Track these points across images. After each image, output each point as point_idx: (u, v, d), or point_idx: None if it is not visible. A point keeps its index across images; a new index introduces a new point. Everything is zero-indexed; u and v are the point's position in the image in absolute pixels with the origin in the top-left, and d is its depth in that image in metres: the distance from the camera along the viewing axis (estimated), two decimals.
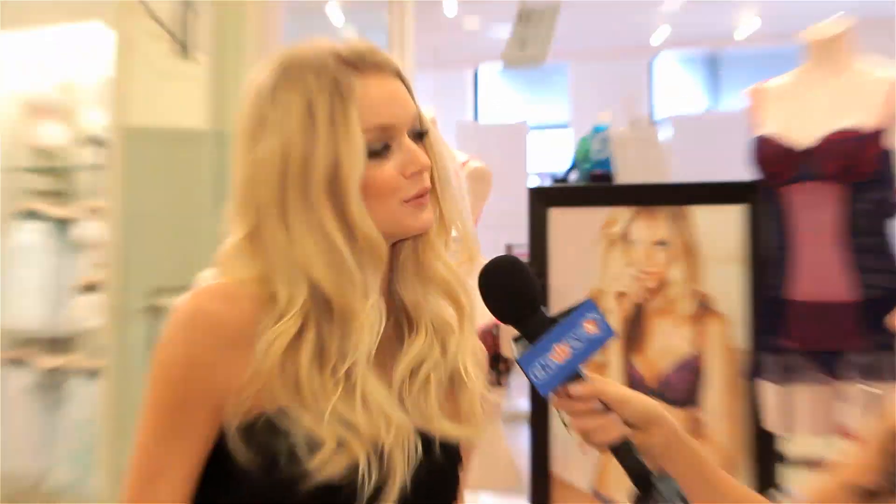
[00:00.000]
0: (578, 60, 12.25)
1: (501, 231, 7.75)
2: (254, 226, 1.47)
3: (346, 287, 1.43)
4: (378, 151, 1.45)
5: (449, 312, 1.54)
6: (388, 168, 1.46)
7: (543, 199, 3.44)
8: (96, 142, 5.91)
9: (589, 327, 1.40)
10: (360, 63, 1.48)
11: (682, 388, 3.23)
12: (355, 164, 1.43)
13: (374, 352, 1.45)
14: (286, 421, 1.41)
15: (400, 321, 1.54)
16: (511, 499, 3.33)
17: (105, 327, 4.78)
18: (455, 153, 3.77)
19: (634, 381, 3.28)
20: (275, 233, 1.45)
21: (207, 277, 1.54)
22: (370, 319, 1.44)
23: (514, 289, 1.42)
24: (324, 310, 1.45)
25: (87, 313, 5.53)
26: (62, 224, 5.84)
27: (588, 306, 1.41)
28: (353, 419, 1.41)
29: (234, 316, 1.43)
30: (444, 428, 1.49)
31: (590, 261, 3.35)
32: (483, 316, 1.55)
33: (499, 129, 9.84)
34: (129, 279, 4.89)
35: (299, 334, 1.44)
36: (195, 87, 5.10)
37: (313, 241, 1.43)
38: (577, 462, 3.29)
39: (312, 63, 1.47)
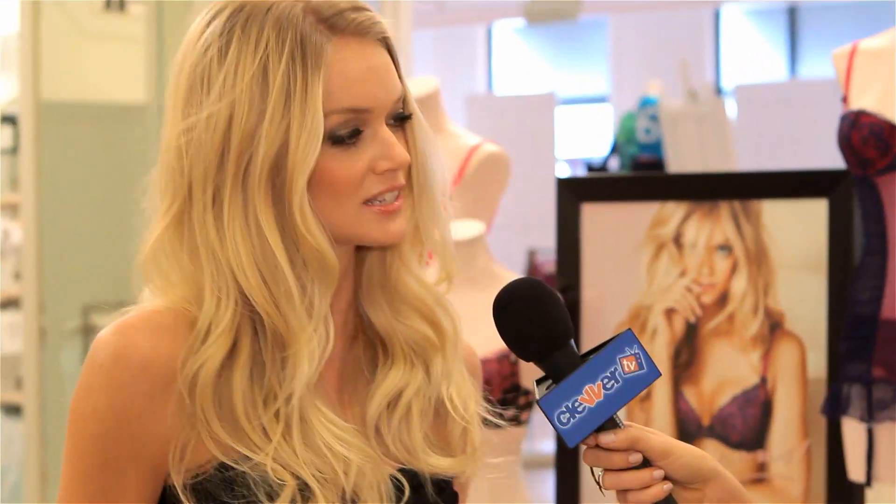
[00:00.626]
0: (620, 13, 12.27)
1: (522, 233, 7.80)
2: (180, 211, 1.49)
3: (281, 303, 1.46)
4: (343, 138, 1.47)
5: (429, 333, 1.58)
6: (355, 161, 1.48)
7: (575, 193, 3.46)
8: (9, 120, 5.96)
9: (628, 365, 1.45)
10: (338, 21, 1.49)
11: (744, 427, 3.27)
12: (306, 150, 1.44)
13: (313, 382, 1.48)
14: (235, 471, 1.46)
15: (372, 341, 1.58)
16: None
17: (26, 352, 4.83)
18: (464, 133, 3.82)
19: (685, 418, 3.31)
20: (204, 223, 1.47)
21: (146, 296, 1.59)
22: (311, 345, 1.47)
23: (538, 321, 1.47)
24: (259, 325, 1.48)
25: (4, 335, 5.58)
26: None
27: (627, 339, 1.46)
28: (297, 462, 1.46)
29: (166, 351, 1.46)
30: (431, 462, 1.54)
31: (632, 270, 3.38)
32: (496, 338, 1.61)
33: (519, 102, 9.87)
34: (51, 293, 4.92)
35: (231, 356, 1.47)
36: (130, 49, 5.12)
37: (246, 239, 1.46)
38: None
39: (274, 13, 1.47)
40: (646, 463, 1.47)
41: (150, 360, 1.46)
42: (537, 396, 1.47)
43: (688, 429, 3.30)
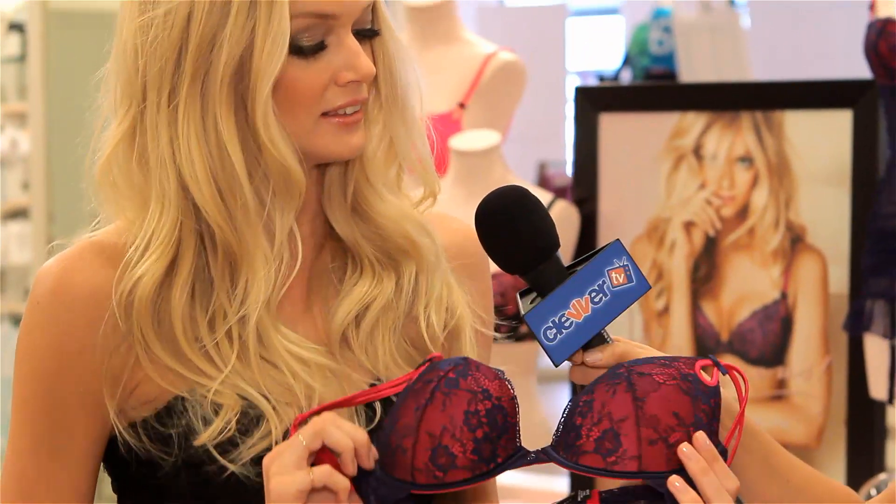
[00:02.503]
0: None
1: (532, 144, 7.75)
2: (134, 117, 1.42)
3: (236, 216, 1.40)
4: (305, 48, 1.41)
5: (400, 246, 1.51)
6: (318, 71, 1.41)
7: (593, 103, 3.44)
8: (17, 28, 5.90)
9: (616, 277, 1.41)
10: None
11: (763, 343, 3.26)
12: (271, 56, 1.38)
13: (274, 305, 1.42)
14: (181, 402, 1.40)
15: (342, 249, 1.52)
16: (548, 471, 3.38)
17: (35, 263, 4.82)
18: (479, 41, 3.78)
19: (703, 334, 3.31)
20: (157, 125, 1.41)
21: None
22: (268, 267, 1.41)
23: (523, 232, 1.41)
24: (209, 240, 1.42)
25: (13, 246, 5.56)
26: None
27: (615, 250, 1.41)
28: (250, 386, 1.40)
29: (105, 281, 1.41)
30: (398, 372, 1.47)
31: (650, 181, 3.37)
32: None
33: (530, 13, 9.81)
34: (60, 203, 4.91)
35: (170, 272, 1.41)
36: None
37: (202, 146, 1.39)
38: None
39: None
40: None
41: (89, 291, 1.40)
42: (522, 310, 1.42)
43: (706, 344, 3.28)
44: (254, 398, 1.40)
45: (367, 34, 1.46)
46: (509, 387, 1.35)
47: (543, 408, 3.44)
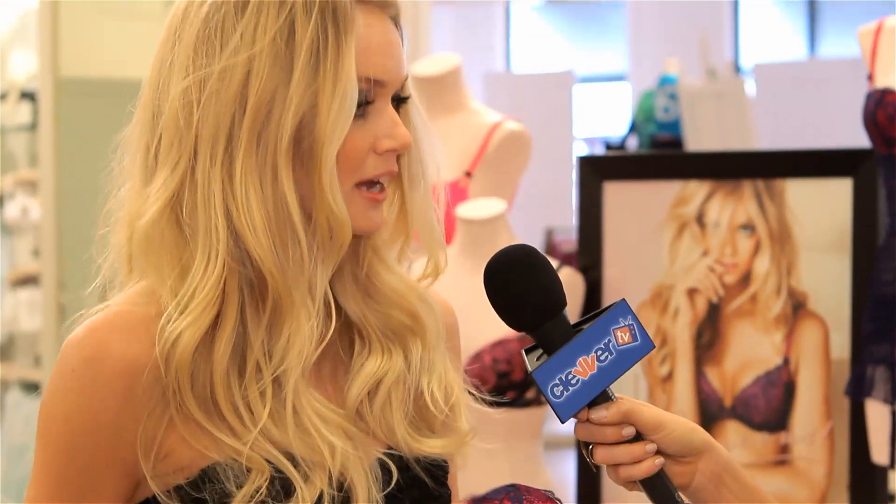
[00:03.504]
0: None
1: (538, 211, 7.78)
2: (184, 174, 1.42)
3: (290, 269, 1.41)
4: (357, 107, 1.43)
5: (405, 322, 1.53)
6: (361, 136, 1.44)
7: (597, 171, 3.47)
8: (28, 96, 5.95)
9: (622, 336, 1.43)
10: None
11: (767, 408, 3.27)
12: (338, 118, 1.40)
13: (311, 363, 1.44)
14: (213, 469, 1.41)
15: (348, 325, 1.53)
16: None
17: (45, 329, 4.83)
18: (485, 110, 3.81)
19: (707, 399, 3.31)
20: (209, 180, 1.41)
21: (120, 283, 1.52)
22: (311, 322, 1.43)
23: (531, 289, 1.44)
24: (250, 292, 1.43)
25: (24, 313, 5.58)
26: None
27: (620, 310, 1.44)
28: (287, 443, 1.41)
29: (139, 351, 1.41)
30: (415, 445, 1.51)
31: (654, 249, 3.39)
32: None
33: (537, 80, 9.85)
34: (70, 270, 4.93)
35: (214, 324, 1.41)
36: (148, 26, 5.12)
37: (260, 201, 1.40)
38: (632, 494, 3.32)
39: None
40: (638, 437, 1.45)
41: (123, 364, 1.41)
42: (529, 368, 1.45)
43: (710, 410, 3.29)
44: (282, 465, 1.41)
45: (400, 101, 1.50)
46: None
47: (549, 473, 3.46)
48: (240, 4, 1.42)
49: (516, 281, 1.44)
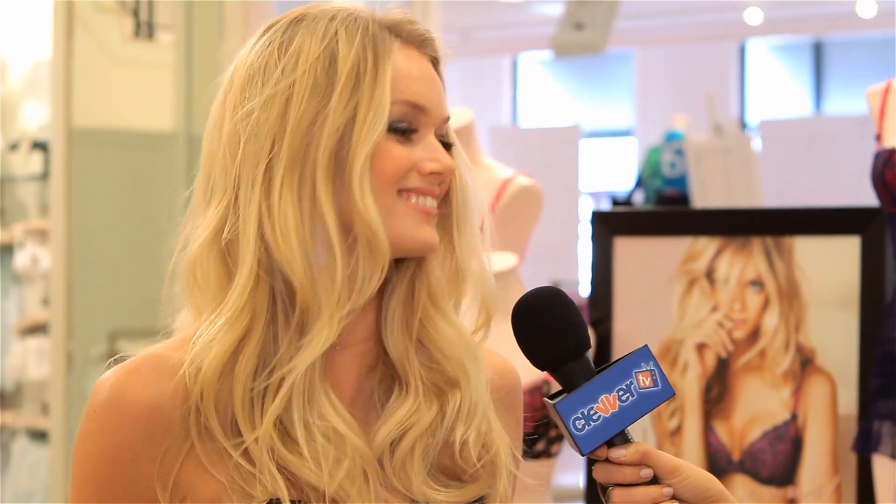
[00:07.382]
0: (646, 46, 12.33)
1: (544, 264, 7.82)
2: (228, 205, 1.47)
3: (321, 280, 1.45)
4: (399, 128, 1.49)
5: (450, 376, 1.54)
6: (404, 151, 1.48)
7: (609, 226, 3.51)
8: (40, 146, 6.00)
9: (643, 380, 1.46)
10: (401, 28, 1.52)
11: (774, 463, 3.29)
12: (372, 126, 1.46)
13: (317, 369, 1.46)
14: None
15: (391, 374, 1.55)
16: None
17: (54, 378, 4.85)
18: (497, 165, 3.86)
19: (715, 453, 3.34)
20: (250, 202, 1.45)
21: (184, 320, 1.57)
22: (331, 331, 1.45)
23: (557, 329, 1.47)
24: (281, 306, 1.47)
25: (32, 361, 5.60)
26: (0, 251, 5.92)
27: (642, 354, 1.48)
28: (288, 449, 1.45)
29: (161, 395, 1.46)
30: (428, 492, 1.52)
31: (664, 304, 3.42)
32: (529, 371, 1.62)
33: (544, 134, 9.90)
34: (79, 319, 4.96)
35: (241, 343, 1.45)
36: (159, 77, 5.17)
37: (297, 214, 1.44)
38: None
39: (340, 16, 1.50)
40: (654, 480, 1.48)
41: (141, 406, 1.46)
42: (550, 405, 1.47)
43: (718, 463, 3.32)
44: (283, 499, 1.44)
45: (444, 146, 1.53)
46: None
47: None
48: (284, 43, 1.49)
49: (545, 315, 1.47)
